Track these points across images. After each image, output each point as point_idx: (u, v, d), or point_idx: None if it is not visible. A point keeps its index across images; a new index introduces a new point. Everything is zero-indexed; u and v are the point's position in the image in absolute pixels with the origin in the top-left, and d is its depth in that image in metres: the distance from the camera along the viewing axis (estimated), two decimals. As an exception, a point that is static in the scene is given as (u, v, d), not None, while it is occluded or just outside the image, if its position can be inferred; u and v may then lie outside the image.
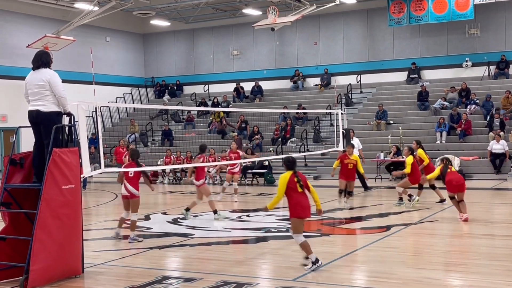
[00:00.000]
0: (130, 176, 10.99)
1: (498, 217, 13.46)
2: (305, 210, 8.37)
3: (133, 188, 10.97)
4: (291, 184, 8.33)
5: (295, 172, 8.43)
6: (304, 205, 8.35)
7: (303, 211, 8.35)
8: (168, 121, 30.99)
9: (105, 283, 8.03)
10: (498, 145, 20.98)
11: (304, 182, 8.45)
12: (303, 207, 8.34)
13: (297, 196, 8.32)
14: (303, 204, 8.34)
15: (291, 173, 8.40)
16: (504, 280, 7.64)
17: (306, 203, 8.39)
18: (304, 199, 8.39)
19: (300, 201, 8.33)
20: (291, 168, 8.46)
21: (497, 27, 27.10)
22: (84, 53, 28.23)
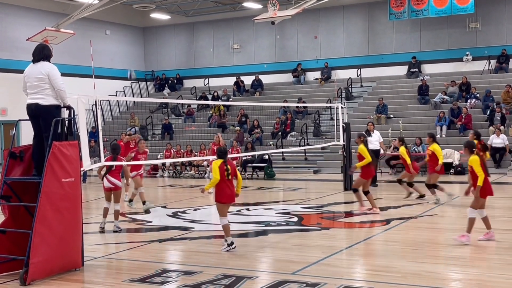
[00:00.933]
0: (112, 169, 11.43)
1: (498, 211, 13.46)
2: (228, 197, 9.39)
3: (117, 180, 11.45)
4: (221, 171, 9.28)
5: (225, 161, 9.38)
6: (227, 192, 9.36)
7: (226, 197, 9.36)
8: (168, 114, 30.97)
9: (105, 276, 8.05)
10: (498, 139, 20.97)
11: (232, 171, 9.44)
12: (226, 194, 9.34)
13: (223, 183, 9.30)
14: (227, 191, 9.34)
15: (221, 161, 9.36)
16: (503, 274, 7.66)
17: (230, 191, 9.39)
18: (229, 187, 9.39)
19: (225, 188, 9.33)
20: (222, 157, 9.45)
21: (497, 21, 27.05)
22: (84, 46, 28.20)
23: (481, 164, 9.21)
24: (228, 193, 9.39)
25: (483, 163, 9.24)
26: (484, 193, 9.33)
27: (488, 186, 9.38)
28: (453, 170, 20.96)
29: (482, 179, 9.19)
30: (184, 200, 16.36)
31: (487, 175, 9.32)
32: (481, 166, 9.23)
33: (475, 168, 9.20)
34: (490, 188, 9.42)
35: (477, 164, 9.18)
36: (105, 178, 11.45)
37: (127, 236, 11.26)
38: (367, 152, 13.12)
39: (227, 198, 9.41)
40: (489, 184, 9.38)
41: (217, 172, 9.29)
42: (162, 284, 7.56)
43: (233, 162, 9.84)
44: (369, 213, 12.76)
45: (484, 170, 9.24)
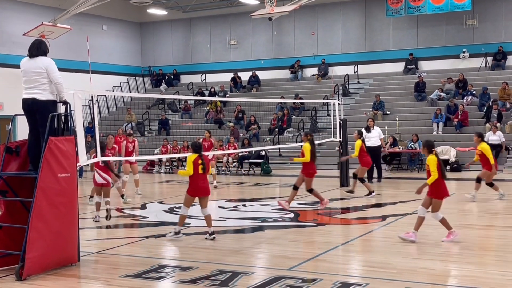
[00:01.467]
0: (101, 165, 11.74)
1: (494, 208, 13.50)
2: (198, 191, 9.76)
3: (108, 176, 11.93)
4: (195, 165, 9.65)
5: (200, 155, 9.76)
6: (199, 186, 9.74)
7: (196, 191, 9.76)
8: (165, 110, 30.94)
9: (101, 272, 8.05)
10: (495, 137, 21.00)
11: (207, 166, 9.83)
12: (198, 187, 9.73)
13: (196, 177, 9.70)
14: (199, 184, 9.72)
15: (196, 156, 9.73)
16: (499, 271, 7.68)
17: (201, 185, 9.76)
18: (202, 181, 9.77)
19: (197, 182, 9.73)
20: (197, 151, 9.82)
21: (494, 18, 27.07)
22: (80, 41, 28.14)
23: (437, 165, 9.17)
24: (200, 187, 9.77)
25: (439, 164, 9.21)
26: (440, 194, 9.28)
27: (443, 187, 9.27)
28: (449, 167, 20.98)
29: (433, 179, 9.14)
30: (181, 195, 16.28)
31: (443, 177, 9.23)
32: (437, 167, 9.18)
33: (431, 167, 9.18)
34: (445, 189, 9.31)
35: (433, 164, 9.16)
36: (97, 173, 11.87)
37: (123, 232, 11.27)
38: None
39: (199, 192, 9.80)
40: (444, 185, 9.27)
41: (190, 166, 9.67)
42: (158, 279, 7.57)
43: (208, 157, 10.28)
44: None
45: (440, 171, 9.14)
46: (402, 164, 22.01)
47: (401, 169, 21.85)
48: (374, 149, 18.19)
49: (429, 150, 9.34)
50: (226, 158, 22.70)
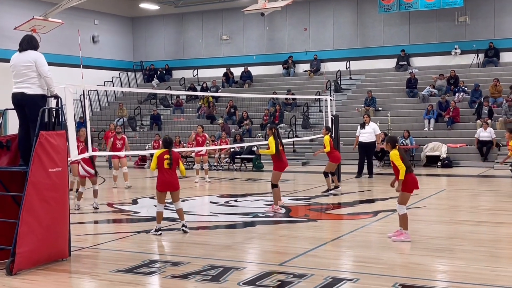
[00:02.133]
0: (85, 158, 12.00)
1: (484, 204, 13.57)
2: (165, 186, 9.89)
3: (90, 169, 12.30)
4: (160, 160, 9.77)
5: (169, 151, 9.84)
6: (164, 181, 9.86)
7: (163, 186, 9.90)
8: (157, 105, 30.88)
9: (92, 267, 8.04)
10: (485, 133, 21.09)
11: (175, 161, 9.86)
12: (164, 182, 9.86)
13: (162, 172, 9.86)
14: (165, 180, 9.85)
15: (163, 151, 9.86)
16: (489, 266, 7.72)
17: (167, 179, 9.86)
18: (168, 176, 9.85)
19: (164, 177, 9.87)
20: (166, 147, 9.94)
21: (486, 14, 27.16)
22: (72, 36, 27.98)
23: (401, 158, 9.18)
24: (166, 182, 9.91)
25: (402, 157, 9.18)
26: (409, 187, 9.22)
27: (411, 181, 9.19)
28: (440, 163, 21.06)
29: (403, 172, 9.09)
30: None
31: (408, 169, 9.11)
32: (401, 159, 9.19)
33: (396, 162, 9.17)
34: (414, 182, 9.24)
35: (397, 158, 9.15)
36: (81, 167, 12.29)
37: (114, 227, 11.25)
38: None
39: (167, 187, 9.95)
40: (412, 178, 9.21)
41: (155, 162, 9.90)
42: (149, 274, 7.56)
43: (177, 153, 10.32)
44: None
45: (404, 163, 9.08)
46: (394, 160, 22.02)
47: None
48: (366, 144, 18.23)
49: (392, 145, 9.30)
50: (218, 153, 22.70)
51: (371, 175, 18.29)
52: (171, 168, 9.91)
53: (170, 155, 9.86)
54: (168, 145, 9.99)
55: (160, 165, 9.87)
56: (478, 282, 6.94)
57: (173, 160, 9.88)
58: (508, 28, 26.74)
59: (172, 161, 9.85)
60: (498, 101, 23.46)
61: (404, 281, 6.99)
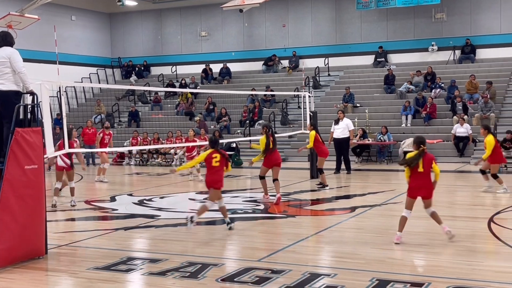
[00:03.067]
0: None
1: (461, 199, 13.72)
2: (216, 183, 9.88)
3: (69, 160, 12.40)
4: (208, 159, 9.84)
5: (218, 150, 9.94)
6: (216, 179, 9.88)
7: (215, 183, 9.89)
8: (135, 102, 30.70)
9: (69, 264, 7.97)
10: (462, 129, 21.31)
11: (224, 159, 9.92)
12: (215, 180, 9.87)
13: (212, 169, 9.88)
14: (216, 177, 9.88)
15: (211, 151, 9.96)
16: (466, 260, 7.81)
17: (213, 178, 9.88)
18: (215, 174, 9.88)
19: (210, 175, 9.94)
20: (213, 146, 10.03)
21: (463, 11, 27.42)
22: (48, 32, 27.69)
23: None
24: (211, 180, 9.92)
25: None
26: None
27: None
28: (418, 159, 21.21)
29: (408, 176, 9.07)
30: (151, 188, 16.28)
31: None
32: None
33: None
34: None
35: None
36: (59, 157, 12.35)
37: (92, 224, 11.18)
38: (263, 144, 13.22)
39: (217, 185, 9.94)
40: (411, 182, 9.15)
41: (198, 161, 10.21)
42: (127, 271, 7.53)
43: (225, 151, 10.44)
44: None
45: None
46: (372, 156, 22.20)
47: (370, 161, 22.04)
48: (339, 140, 18.33)
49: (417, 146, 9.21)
50: (197, 150, 22.62)
51: (349, 171, 18.38)
52: (220, 166, 9.91)
53: (219, 154, 9.90)
54: (214, 145, 10.05)
55: (208, 164, 9.89)
56: (455, 277, 7.01)
57: (223, 158, 9.93)
58: (484, 25, 27.04)
59: (221, 159, 9.88)
60: (474, 97, 23.70)
61: (381, 276, 7.04)
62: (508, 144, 18.84)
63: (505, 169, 18.51)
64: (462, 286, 6.65)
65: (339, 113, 18.71)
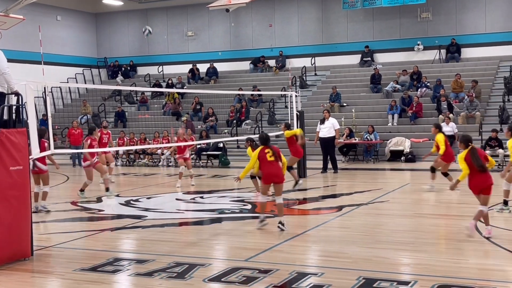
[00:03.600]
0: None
1: (446, 197, 13.77)
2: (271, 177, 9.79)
3: (41, 164, 11.81)
4: (262, 156, 9.78)
5: (269, 146, 9.90)
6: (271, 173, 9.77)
7: (269, 178, 9.82)
8: (122, 102, 30.58)
9: (55, 266, 7.93)
10: (448, 127, 21.37)
11: (277, 153, 9.93)
12: (270, 174, 9.78)
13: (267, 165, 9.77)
14: (271, 172, 9.76)
15: (262, 147, 9.90)
16: (451, 258, 7.86)
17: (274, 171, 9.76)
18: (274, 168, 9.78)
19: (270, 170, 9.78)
20: (264, 143, 9.95)
21: (448, 11, 27.58)
22: (33, 32, 27.38)
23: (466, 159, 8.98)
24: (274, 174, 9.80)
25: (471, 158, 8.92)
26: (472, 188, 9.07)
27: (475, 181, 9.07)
28: (403, 158, 21.34)
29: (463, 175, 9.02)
30: (138, 188, 16.23)
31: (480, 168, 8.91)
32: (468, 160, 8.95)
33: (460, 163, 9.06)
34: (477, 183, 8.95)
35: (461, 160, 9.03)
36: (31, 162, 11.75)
37: (78, 225, 11.11)
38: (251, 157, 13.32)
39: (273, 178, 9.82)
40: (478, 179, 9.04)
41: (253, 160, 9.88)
42: (113, 272, 7.50)
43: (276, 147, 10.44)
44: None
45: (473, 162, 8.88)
46: (358, 155, 22.27)
47: (357, 160, 22.11)
48: (325, 140, 18.36)
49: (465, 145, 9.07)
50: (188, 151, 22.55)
51: (336, 170, 18.42)
52: (276, 160, 9.87)
53: (271, 149, 9.88)
54: (265, 141, 10.00)
55: (263, 160, 9.81)
56: (441, 275, 7.05)
57: (276, 152, 9.91)
58: (469, 24, 27.22)
59: (274, 153, 9.86)
60: (459, 96, 23.85)
61: (368, 275, 7.07)
62: (493, 142, 18.97)
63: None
64: (448, 284, 6.68)
65: (325, 112, 18.75)
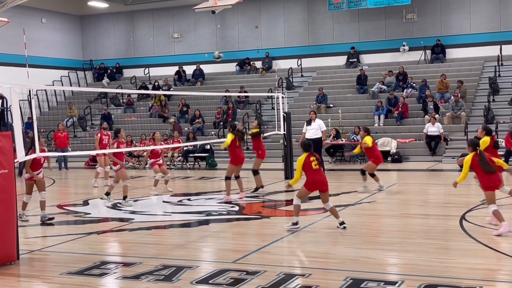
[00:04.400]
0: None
1: (433, 197, 13.87)
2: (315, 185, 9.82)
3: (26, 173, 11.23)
4: (306, 164, 9.72)
5: (313, 154, 9.80)
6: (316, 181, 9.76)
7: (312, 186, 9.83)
8: (108, 104, 30.45)
9: (41, 269, 7.88)
10: (434, 128, 21.54)
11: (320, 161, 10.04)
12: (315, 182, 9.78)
13: (312, 174, 9.75)
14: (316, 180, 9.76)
15: (306, 155, 9.81)
16: (438, 258, 7.90)
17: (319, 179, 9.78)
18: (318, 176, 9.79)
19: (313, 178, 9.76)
20: (307, 150, 9.83)
21: (433, 12, 27.75)
22: (18, 34, 27.34)
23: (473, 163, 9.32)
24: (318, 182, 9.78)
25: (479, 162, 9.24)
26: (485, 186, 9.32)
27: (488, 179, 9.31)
28: (390, 158, 21.42)
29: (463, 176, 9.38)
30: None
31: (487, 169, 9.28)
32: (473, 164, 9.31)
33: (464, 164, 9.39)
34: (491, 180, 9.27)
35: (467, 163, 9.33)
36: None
37: (65, 229, 11.04)
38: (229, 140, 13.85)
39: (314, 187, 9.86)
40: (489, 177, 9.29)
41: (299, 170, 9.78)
42: (100, 276, 7.46)
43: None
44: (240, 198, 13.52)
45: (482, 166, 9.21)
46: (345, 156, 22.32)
47: (344, 161, 22.17)
48: (312, 141, 18.32)
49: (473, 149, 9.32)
50: (171, 152, 22.54)
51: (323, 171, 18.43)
52: (320, 167, 9.85)
53: (315, 157, 9.80)
54: (308, 148, 9.92)
55: (309, 168, 9.74)
56: (428, 274, 7.08)
57: (319, 160, 9.88)
58: (454, 24, 27.41)
59: (318, 161, 9.82)
60: (445, 97, 24.00)
61: (355, 275, 7.09)
62: (478, 142, 19.06)
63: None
64: (435, 283, 6.72)
65: (311, 113, 18.73)
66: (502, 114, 22.48)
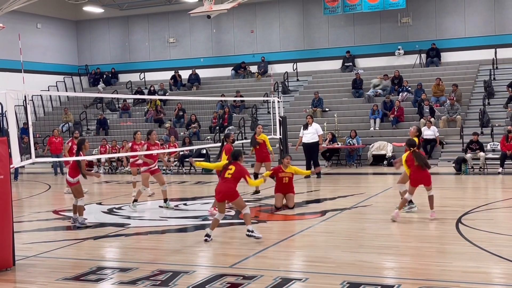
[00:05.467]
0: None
1: (428, 202, 13.83)
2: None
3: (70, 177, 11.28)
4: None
5: (234, 163, 9.59)
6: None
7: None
8: (103, 110, 30.43)
9: (38, 275, 7.84)
10: (429, 131, 21.57)
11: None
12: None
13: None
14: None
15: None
16: (434, 262, 7.90)
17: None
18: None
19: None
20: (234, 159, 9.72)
21: (428, 15, 27.84)
22: (14, 40, 27.31)
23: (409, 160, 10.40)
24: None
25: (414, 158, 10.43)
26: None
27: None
28: (386, 162, 21.45)
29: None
30: (120, 196, 16.13)
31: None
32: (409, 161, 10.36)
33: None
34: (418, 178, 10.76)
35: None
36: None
37: (61, 234, 11.01)
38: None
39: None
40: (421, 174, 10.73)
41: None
42: (97, 281, 7.44)
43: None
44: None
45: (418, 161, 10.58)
46: (341, 159, 22.35)
47: (340, 164, 22.19)
48: (309, 145, 18.41)
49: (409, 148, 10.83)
50: (167, 157, 22.51)
51: (319, 176, 18.47)
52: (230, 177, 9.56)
53: (234, 167, 9.60)
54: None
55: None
56: (425, 278, 7.08)
57: (237, 170, 9.66)
58: (449, 28, 27.50)
59: (233, 171, 9.61)
60: (441, 100, 24.06)
61: (352, 279, 7.08)
62: (474, 145, 19.13)
63: (472, 170, 18.83)
64: (432, 286, 6.72)
65: (308, 118, 18.80)
66: (497, 117, 22.54)
